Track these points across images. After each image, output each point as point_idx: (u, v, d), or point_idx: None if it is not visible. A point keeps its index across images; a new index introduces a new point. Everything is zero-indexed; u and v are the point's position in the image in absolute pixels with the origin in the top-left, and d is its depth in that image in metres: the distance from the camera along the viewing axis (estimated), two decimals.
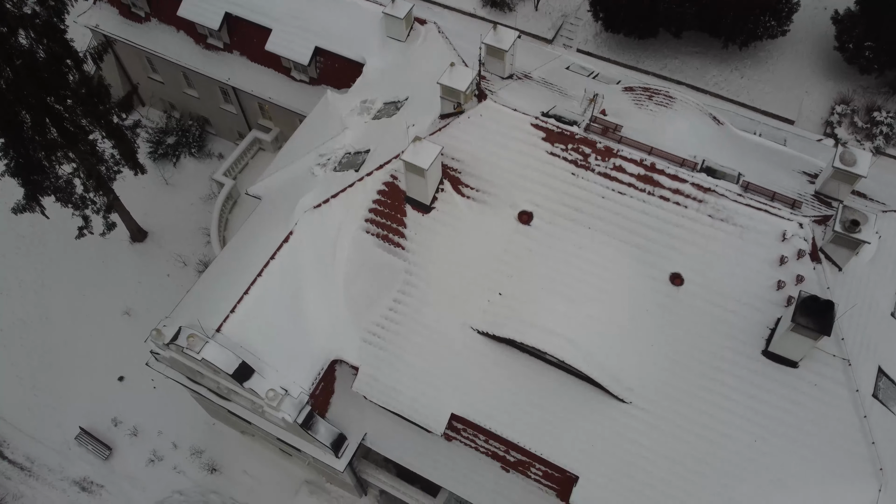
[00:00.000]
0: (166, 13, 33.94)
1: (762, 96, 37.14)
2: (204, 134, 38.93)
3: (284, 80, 32.63)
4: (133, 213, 35.10)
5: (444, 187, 22.14)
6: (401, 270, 22.27)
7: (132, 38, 35.00)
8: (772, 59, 38.17)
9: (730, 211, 20.09)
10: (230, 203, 33.53)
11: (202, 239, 35.62)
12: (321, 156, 25.27)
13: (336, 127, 26.34)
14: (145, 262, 35.38)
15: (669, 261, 20.32)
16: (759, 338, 19.60)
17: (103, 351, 33.06)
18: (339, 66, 30.72)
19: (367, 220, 22.74)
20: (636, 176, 20.79)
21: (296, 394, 21.73)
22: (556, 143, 21.49)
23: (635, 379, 20.10)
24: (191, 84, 36.32)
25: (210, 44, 33.56)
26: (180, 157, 38.40)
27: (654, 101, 24.93)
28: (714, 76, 37.89)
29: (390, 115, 25.45)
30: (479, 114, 22.17)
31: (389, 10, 28.40)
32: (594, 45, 39.65)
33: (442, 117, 23.01)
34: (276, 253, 22.58)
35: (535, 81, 25.36)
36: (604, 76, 28.27)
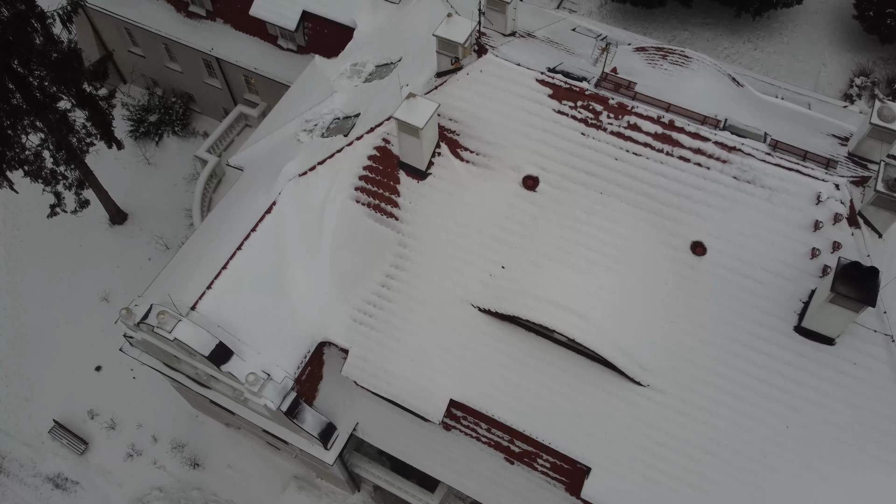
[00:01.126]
0: None
1: (777, 69, 35.18)
2: (188, 111, 36.91)
3: (271, 50, 30.63)
4: (113, 193, 33.08)
5: (440, 151, 20.16)
6: (394, 242, 20.29)
7: (107, 6, 32.95)
8: (786, 30, 36.22)
9: (757, 172, 18.12)
10: (214, 181, 31.53)
11: (185, 221, 33.63)
12: (307, 121, 23.28)
13: (324, 91, 24.34)
14: (125, 245, 33.36)
15: (690, 228, 18.36)
16: (790, 312, 17.65)
17: (79, 339, 31.06)
18: (328, 31, 28.70)
19: (357, 189, 20.76)
20: (653, 135, 18.81)
21: (279, 378, 19.75)
22: (564, 100, 19.51)
23: (653, 358, 18.15)
24: (173, 57, 34.30)
25: (192, 12, 31.55)
26: (163, 136, 36.37)
27: (668, 60, 22.97)
28: (726, 48, 35.93)
29: (382, 77, 23.47)
30: (478, 70, 20.19)
31: None
32: (599, 15, 37.68)
33: (438, 75, 21.04)
34: (258, 225, 20.59)
35: (540, 40, 23.38)
36: (612, 38, 26.28)
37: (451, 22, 19.83)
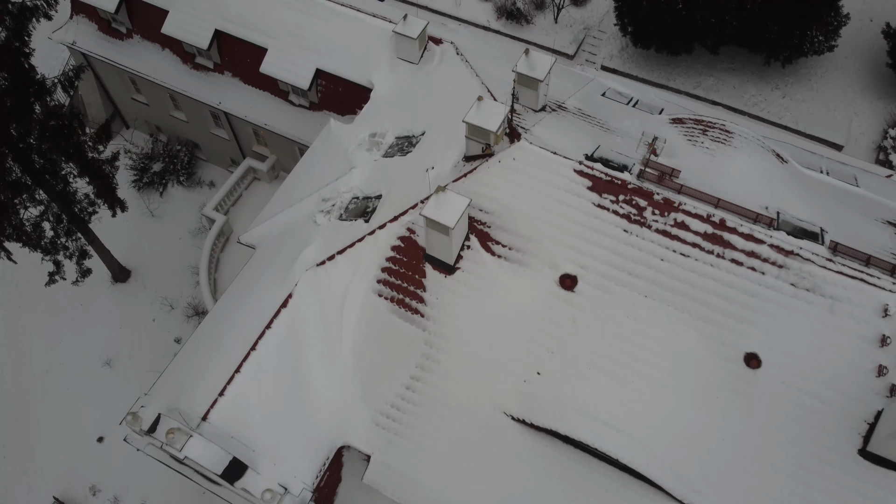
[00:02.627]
0: (150, 30, 30.54)
1: (806, 118, 33.81)
2: (193, 160, 35.52)
3: (282, 105, 29.25)
4: (114, 249, 31.68)
5: (470, 244, 18.77)
6: (420, 341, 18.88)
7: (113, 57, 31.57)
8: (815, 76, 34.86)
9: (817, 279, 16.74)
10: (222, 241, 30.16)
11: (191, 279, 32.21)
12: (324, 200, 21.87)
13: (341, 164, 22.94)
14: (128, 304, 31.95)
15: (744, 338, 16.97)
16: (854, 433, 16.26)
17: (81, 407, 29.64)
18: (343, 89, 27.35)
19: (380, 282, 19.35)
20: (702, 234, 17.43)
21: (297, 491, 18.31)
22: (605, 193, 18.13)
23: (704, 480, 16.73)
24: (178, 106, 32.92)
25: (199, 63, 30.16)
26: (167, 186, 34.99)
27: (709, 136, 21.60)
28: (753, 95, 34.56)
29: (404, 153, 22.07)
30: (511, 157, 18.81)
31: (401, 29, 25.01)
32: (620, 60, 36.30)
33: (467, 159, 19.65)
34: (273, 320, 19.16)
35: (571, 112, 22.01)
36: (643, 103, 24.93)
37: (483, 107, 18.44)
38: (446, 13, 38.60)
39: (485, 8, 38.32)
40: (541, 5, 37.83)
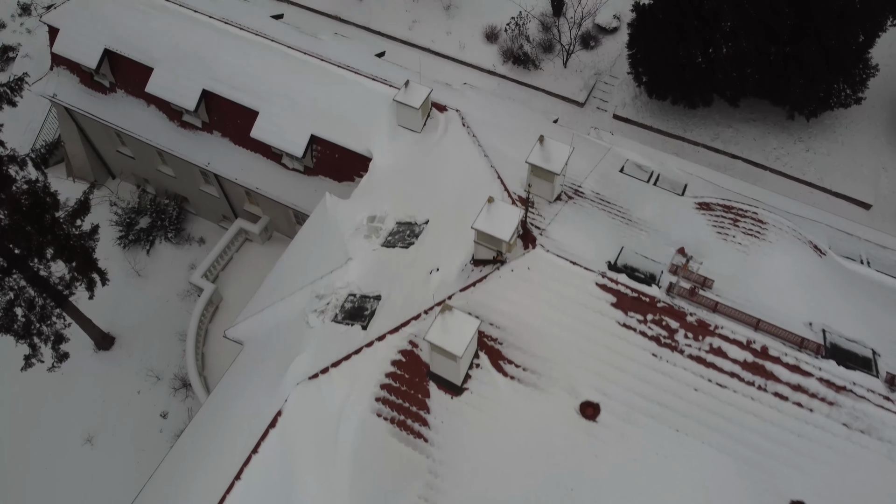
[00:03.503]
0: (134, 85, 28.64)
1: (831, 173, 31.88)
2: (182, 213, 33.59)
3: (275, 168, 27.34)
4: (97, 314, 29.76)
5: (479, 362, 16.85)
6: (423, 468, 16.92)
7: (95, 112, 29.67)
8: (841, 128, 32.92)
9: (873, 420, 14.82)
10: (211, 310, 28.30)
11: (179, 346, 30.27)
12: (318, 297, 19.94)
13: (337, 253, 21.01)
14: (112, 375, 30.00)
15: (789, 483, 15.03)
16: None
17: (59, 490, 27.69)
18: (339, 156, 25.46)
19: (379, 399, 17.42)
20: (742, 363, 15.51)
21: None
22: (632, 311, 16.21)
23: None
24: (165, 161, 31.02)
25: (186, 121, 28.25)
26: (154, 243, 33.05)
27: (740, 227, 19.67)
28: (775, 149, 32.62)
29: (406, 244, 20.14)
30: (526, 266, 16.89)
31: (402, 98, 23.11)
32: (633, 109, 34.37)
33: (476, 262, 17.73)
34: (260, 443, 17.25)
35: (589, 199, 20.07)
36: (665, 178, 22.98)
37: (494, 211, 16.53)
38: (450, 56, 36.69)
39: (490, 51, 36.40)
40: (549, 48, 35.91)
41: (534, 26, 36.87)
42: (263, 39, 26.13)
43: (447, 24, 37.57)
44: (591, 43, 35.57)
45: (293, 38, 27.12)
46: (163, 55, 26.93)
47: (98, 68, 27.93)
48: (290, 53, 25.74)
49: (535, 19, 36.55)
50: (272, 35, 26.67)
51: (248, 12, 28.62)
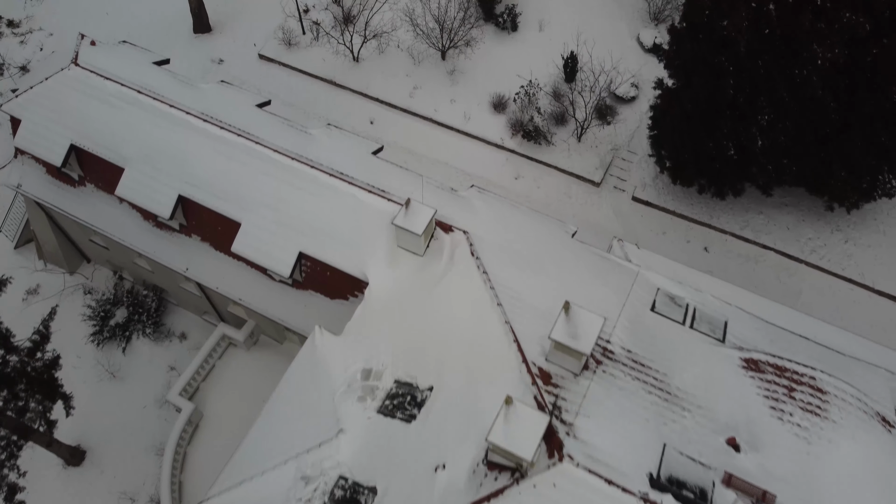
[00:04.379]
0: (104, 182, 25.81)
1: (873, 268, 29.06)
2: (162, 305, 30.74)
3: (260, 278, 24.47)
4: (67, 425, 26.90)
5: None
6: None
7: (63, 206, 26.81)
8: (882, 216, 30.11)
9: None
10: (190, 429, 25.51)
11: (155, 462, 27.40)
12: (304, 477, 17.09)
13: (326, 418, 18.15)
14: (81, 496, 27.12)
15: None
16: None
17: None
18: (331, 274, 22.62)
19: None
20: None
21: None
22: None
23: None
24: (141, 255, 28.14)
25: (162, 222, 25.43)
26: (131, 339, 30.20)
27: (797, 400, 16.84)
28: (810, 239, 29.79)
29: (406, 415, 17.29)
30: (551, 483, 14.04)
31: (402, 222, 20.28)
32: (654, 190, 31.53)
33: (490, 466, 14.89)
34: None
35: (620, 363, 17.22)
36: (702, 313, 20.10)
37: (513, 418, 13.72)
38: (454, 127, 33.83)
39: (498, 122, 33.56)
40: (561, 119, 33.07)
41: (545, 94, 34.03)
42: (246, 141, 23.28)
43: (451, 90, 34.73)
44: (608, 118, 32.65)
45: (280, 133, 24.26)
46: (134, 154, 24.08)
47: (62, 166, 25.09)
48: (276, 159, 22.90)
49: (545, 92, 33.69)
50: (257, 133, 23.82)
51: (231, 101, 25.75)
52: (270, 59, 36.69)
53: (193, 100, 24.85)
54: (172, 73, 26.55)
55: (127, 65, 26.01)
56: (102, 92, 24.67)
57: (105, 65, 25.62)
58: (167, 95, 24.66)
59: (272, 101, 27.00)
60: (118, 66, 25.69)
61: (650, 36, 35.53)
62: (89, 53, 26.18)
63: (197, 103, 24.66)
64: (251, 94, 26.33)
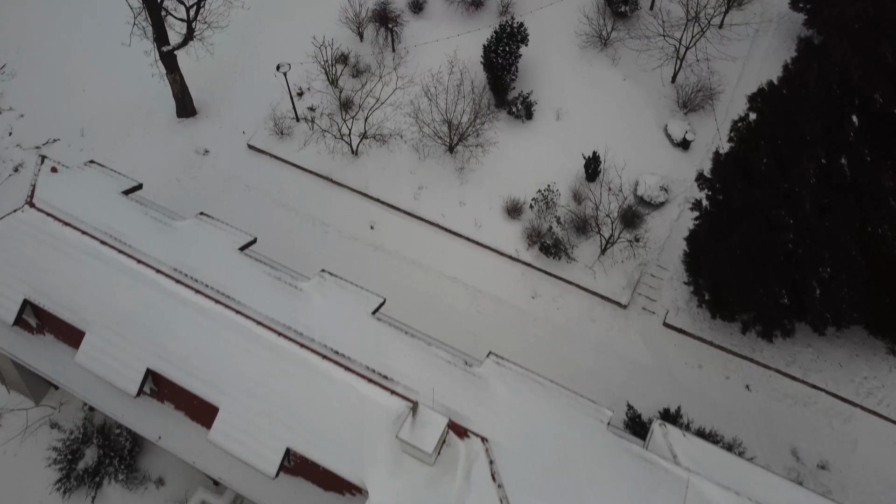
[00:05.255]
0: (64, 336, 22.53)
1: None
2: (137, 445, 27.35)
3: None
4: None
5: None
6: None
7: (21, 355, 23.59)
8: None
9: None
10: None
11: None
12: None
13: None
14: None
15: None
16: None
17: None
18: (324, 470, 19.27)
19: None
20: None
21: None
22: None
23: None
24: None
25: None
26: (102, 484, 26.84)
27: None
28: (866, 378, 26.46)
29: None
30: None
31: (408, 437, 17.03)
32: (688, 316, 28.17)
33: None
34: None
35: None
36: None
37: None
38: (463, 235, 30.48)
39: (512, 231, 30.22)
40: (582, 228, 29.72)
41: (565, 197, 30.69)
42: (226, 310, 19.96)
43: (460, 191, 31.37)
44: (636, 229, 29.21)
45: (265, 292, 20.91)
46: (97, 318, 20.76)
47: (16, 322, 21.79)
48: (260, 334, 19.59)
49: (566, 194, 30.38)
50: (239, 292, 20.52)
51: (211, 244, 22.36)
52: (260, 151, 33.33)
53: (166, 247, 21.55)
54: (144, 207, 23.18)
55: (91, 199, 22.71)
56: (61, 241, 21.35)
57: (66, 200, 22.35)
58: (135, 243, 21.37)
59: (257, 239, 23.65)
60: (81, 202, 22.41)
61: (679, 128, 32.18)
62: (49, 185, 22.88)
63: (170, 252, 21.36)
64: (233, 233, 22.92)
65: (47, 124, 35.37)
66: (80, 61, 36.94)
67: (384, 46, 35.58)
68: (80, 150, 34.11)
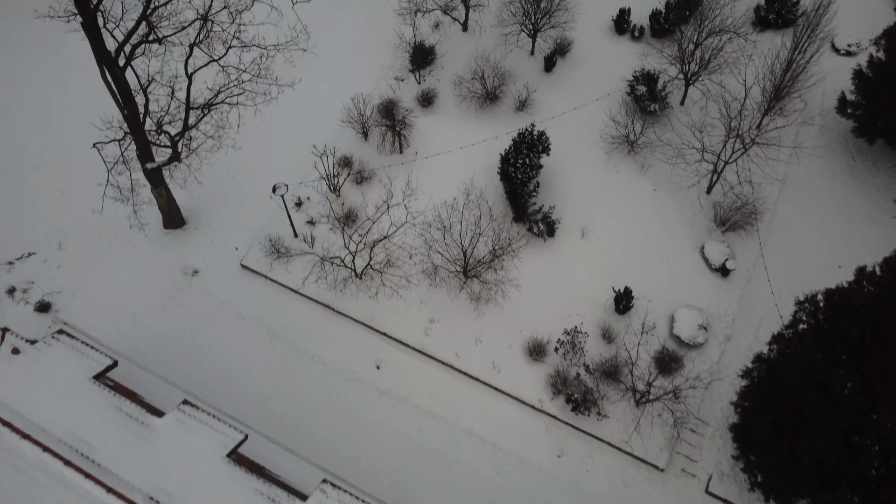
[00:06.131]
0: None
1: None
2: None
3: None
4: None
5: None
6: None
7: None
8: None
9: None
10: None
11: None
12: None
13: None
14: None
15: None
16: None
17: None
18: None
19: None
20: None
21: None
22: None
23: None
24: None
25: None
26: None
27: None
28: None
29: None
30: None
31: None
32: (734, 484, 25.06)
33: None
34: None
35: None
36: None
37: None
38: (479, 378, 27.39)
39: (535, 376, 27.16)
40: (613, 374, 26.62)
41: (593, 335, 27.64)
42: None
43: (475, 325, 28.28)
44: (676, 389, 25.97)
45: None
46: None
47: None
48: None
49: (592, 355, 27.33)
50: None
51: (195, 453, 19.24)
52: (255, 272, 30.21)
53: (142, 462, 18.45)
54: (118, 400, 20.06)
55: (57, 394, 19.60)
56: (19, 459, 18.21)
57: (26, 398, 19.27)
58: (105, 459, 18.31)
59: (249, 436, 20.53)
60: (45, 399, 19.30)
61: (719, 252, 29.09)
62: (9, 374, 19.78)
63: (146, 470, 18.26)
64: (220, 432, 19.83)
65: (23, 232, 32.18)
66: (58, 159, 33.74)
67: (391, 150, 32.48)
68: (56, 266, 31.01)
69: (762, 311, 28.38)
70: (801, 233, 29.99)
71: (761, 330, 27.83)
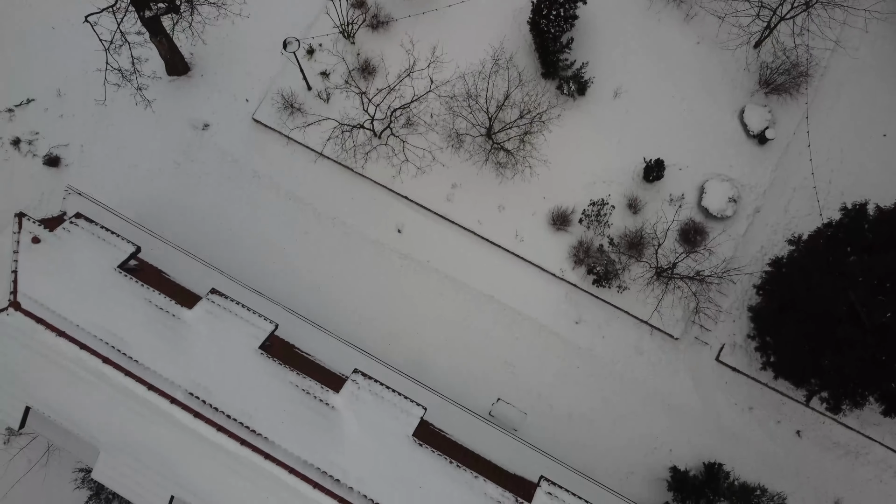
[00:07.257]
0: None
1: None
2: None
3: None
4: None
5: None
6: None
7: None
8: None
9: None
10: None
11: None
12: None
13: None
14: None
15: None
16: None
17: None
18: None
19: None
20: None
21: None
22: None
23: None
24: None
25: None
26: None
27: None
28: None
29: None
30: None
31: None
32: (744, 355, 26.04)
33: None
34: None
35: None
36: None
37: None
38: (502, 246, 27.26)
39: (558, 245, 26.99)
40: (636, 245, 26.50)
41: (619, 206, 27.02)
42: (251, 454, 17.91)
43: (499, 191, 27.54)
44: (699, 271, 25.70)
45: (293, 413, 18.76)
46: (109, 440, 18.85)
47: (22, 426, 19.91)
48: (291, 485, 17.74)
49: (617, 228, 26.70)
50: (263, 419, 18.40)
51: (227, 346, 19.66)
52: (268, 127, 28.81)
53: (177, 359, 18.97)
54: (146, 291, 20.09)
55: (85, 287, 19.64)
56: (57, 354, 18.69)
57: (54, 293, 19.33)
58: (142, 356, 18.76)
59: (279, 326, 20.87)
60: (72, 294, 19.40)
61: (759, 117, 27.42)
62: (32, 267, 19.66)
63: (182, 368, 18.84)
64: (251, 326, 20.10)
65: (19, 77, 30.31)
66: None
67: None
68: (59, 115, 29.63)
69: (796, 182, 27.43)
70: (849, 101, 27.99)
71: (791, 203, 27.17)
